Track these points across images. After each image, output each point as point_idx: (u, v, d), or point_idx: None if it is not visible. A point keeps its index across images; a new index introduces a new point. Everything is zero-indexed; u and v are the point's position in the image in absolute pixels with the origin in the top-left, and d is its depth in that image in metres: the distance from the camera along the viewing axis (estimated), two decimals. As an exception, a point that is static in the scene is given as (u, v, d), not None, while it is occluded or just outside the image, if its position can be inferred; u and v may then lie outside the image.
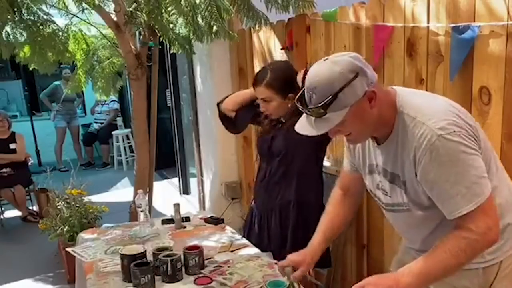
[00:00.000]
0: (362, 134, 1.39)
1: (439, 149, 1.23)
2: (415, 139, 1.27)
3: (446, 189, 1.25)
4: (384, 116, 1.32)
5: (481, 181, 1.24)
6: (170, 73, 5.20)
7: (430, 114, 1.27)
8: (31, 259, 4.09)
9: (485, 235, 1.24)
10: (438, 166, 1.24)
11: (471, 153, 1.24)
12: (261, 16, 2.79)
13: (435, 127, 1.24)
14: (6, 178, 4.94)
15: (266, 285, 1.71)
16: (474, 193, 1.23)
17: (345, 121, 1.29)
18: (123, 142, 7.28)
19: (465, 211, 1.23)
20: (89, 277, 1.95)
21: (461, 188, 1.23)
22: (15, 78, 9.29)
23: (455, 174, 1.23)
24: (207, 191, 4.36)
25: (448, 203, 1.26)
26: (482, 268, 1.38)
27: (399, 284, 1.26)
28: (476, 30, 1.72)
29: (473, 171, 1.24)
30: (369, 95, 1.27)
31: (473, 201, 1.23)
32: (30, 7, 3.20)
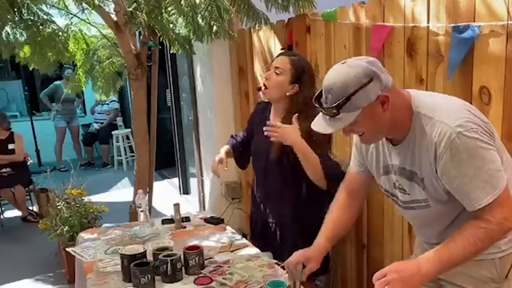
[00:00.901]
0: (375, 134, 1.44)
1: (459, 146, 1.29)
2: (435, 138, 1.32)
3: (466, 183, 1.31)
4: (399, 118, 1.38)
5: (498, 174, 1.31)
6: (170, 73, 5.20)
7: (447, 113, 1.33)
8: (31, 259, 4.09)
9: (501, 225, 1.31)
10: (459, 162, 1.30)
11: (488, 148, 1.30)
12: (261, 16, 2.79)
13: (453, 125, 1.29)
14: (6, 178, 4.95)
15: (266, 285, 1.71)
16: (492, 186, 1.29)
17: (358, 122, 1.35)
18: (123, 142, 7.28)
19: (484, 204, 1.30)
20: (89, 277, 1.95)
21: (479, 182, 1.30)
22: (15, 78, 9.29)
23: (474, 169, 1.30)
24: (207, 191, 4.36)
25: (468, 197, 1.32)
26: (499, 257, 1.44)
27: (421, 271, 1.31)
28: (476, 30, 1.72)
29: (490, 165, 1.30)
30: (381, 99, 1.32)
31: (491, 193, 1.29)
32: (30, 7, 3.20)
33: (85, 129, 7.89)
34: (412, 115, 1.38)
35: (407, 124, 1.39)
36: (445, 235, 1.44)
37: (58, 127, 7.30)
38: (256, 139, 2.36)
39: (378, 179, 1.60)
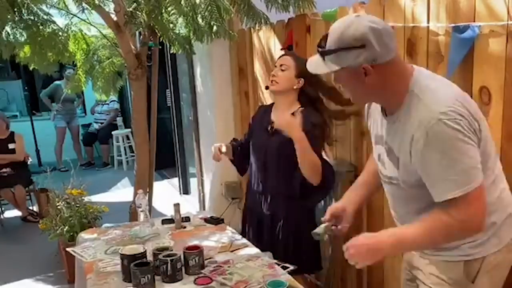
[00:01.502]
0: (354, 96, 1.45)
1: (437, 133, 1.26)
2: (416, 119, 1.31)
3: (437, 172, 1.29)
4: (390, 91, 1.36)
5: (472, 171, 1.28)
6: (170, 73, 5.20)
7: (437, 98, 1.30)
8: (31, 259, 4.09)
9: (462, 223, 1.30)
10: (434, 149, 1.28)
11: (467, 142, 1.27)
12: (261, 16, 2.79)
13: (437, 111, 1.26)
14: (6, 178, 4.94)
15: (266, 285, 1.71)
16: (463, 181, 1.27)
17: (340, 77, 1.38)
18: (123, 142, 7.28)
19: (450, 196, 1.28)
20: (89, 277, 1.95)
21: (451, 174, 1.27)
22: (15, 78, 9.29)
23: (449, 159, 1.27)
24: (207, 191, 4.36)
25: (437, 186, 1.31)
26: (464, 261, 1.42)
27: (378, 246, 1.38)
28: (476, 30, 1.72)
29: (466, 160, 1.27)
30: (365, 69, 1.31)
31: (460, 188, 1.27)
32: (30, 7, 3.20)
33: (85, 129, 7.89)
34: (407, 93, 1.35)
35: (400, 99, 1.36)
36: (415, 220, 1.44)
37: (58, 127, 7.29)
38: (255, 134, 2.42)
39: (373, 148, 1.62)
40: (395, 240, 1.38)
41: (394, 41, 1.34)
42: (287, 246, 2.30)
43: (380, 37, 1.29)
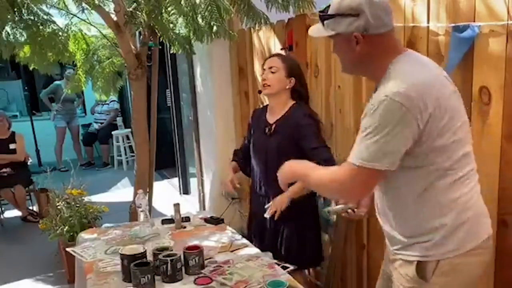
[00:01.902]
0: (344, 65, 1.53)
1: (380, 105, 1.31)
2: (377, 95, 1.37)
3: (361, 137, 1.37)
4: (374, 64, 1.43)
5: (383, 154, 1.33)
6: (170, 73, 5.20)
7: (400, 80, 1.34)
8: (31, 259, 4.09)
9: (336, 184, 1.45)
10: (370, 117, 1.34)
11: (398, 129, 1.30)
12: (261, 16, 2.79)
13: (391, 89, 1.31)
14: (6, 178, 4.94)
15: (266, 285, 1.71)
16: (369, 156, 1.33)
17: (335, 44, 1.48)
18: (123, 142, 7.28)
19: (351, 160, 1.37)
20: (89, 277, 1.95)
21: (370, 146, 1.33)
22: (15, 78, 9.29)
23: (374, 131, 1.32)
24: (207, 191, 4.36)
25: (354, 148, 1.40)
26: (417, 261, 1.46)
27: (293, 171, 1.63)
28: (476, 30, 1.72)
29: (384, 141, 1.31)
30: (355, 36, 1.39)
31: (362, 159, 1.34)
32: (30, 7, 3.20)
33: (85, 129, 7.89)
34: (386, 69, 1.40)
35: (382, 74, 1.40)
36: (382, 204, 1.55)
37: (58, 127, 7.29)
38: (254, 137, 2.43)
39: None
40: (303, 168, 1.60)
41: (389, 16, 1.41)
42: (291, 247, 2.31)
43: (375, 9, 1.37)
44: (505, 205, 1.74)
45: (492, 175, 1.76)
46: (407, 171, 1.40)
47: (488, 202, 1.78)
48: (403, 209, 1.47)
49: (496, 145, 1.73)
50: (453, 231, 1.42)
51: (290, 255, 2.23)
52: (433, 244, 1.43)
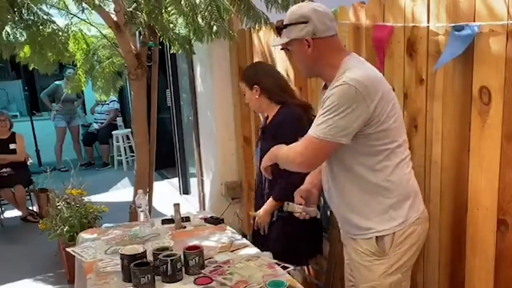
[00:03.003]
0: (302, 69, 1.81)
1: (340, 89, 1.56)
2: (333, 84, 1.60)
3: (322, 115, 1.60)
4: (327, 64, 1.68)
5: (338, 129, 1.57)
6: (170, 73, 5.20)
7: (355, 71, 1.60)
8: (31, 259, 4.09)
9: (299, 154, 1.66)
10: (329, 98, 1.58)
11: (352, 108, 1.55)
12: (261, 16, 2.79)
13: (348, 76, 1.57)
14: (6, 178, 4.94)
15: (266, 285, 1.71)
16: (327, 130, 1.57)
17: (291, 52, 1.74)
18: (123, 142, 7.28)
19: (312, 134, 1.61)
20: (89, 277, 1.95)
21: (328, 121, 1.57)
22: (15, 78, 9.29)
23: (332, 110, 1.56)
24: (207, 191, 4.36)
25: (316, 123, 1.62)
26: (376, 236, 1.70)
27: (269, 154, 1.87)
28: (475, 30, 1.72)
29: (340, 117, 1.55)
30: (306, 40, 1.65)
31: (321, 133, 1.58)
32: (30, 7, 3.19)
33: (85, 129, 7.89)
34: (339, 67, 1.64)
35: (333, 72, 1.64)
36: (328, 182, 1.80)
37: (58, 127, 7.30)
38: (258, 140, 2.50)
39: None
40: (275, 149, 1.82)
41: (332, 23, 1.68)
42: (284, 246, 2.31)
43: (320, 16, 1.64)
44: (505, 205, 1.74)
45: (492, 175, 1.76)
46: (361, 151, 1.65)
47: (488, 202, 1.79)
48: (358, 191, 1.71)
49: (496, 145, 1.73)
50: (402, 206, 1.69)
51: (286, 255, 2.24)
52: (387, 219, 1.69)
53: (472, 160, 1.84)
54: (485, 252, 1.84)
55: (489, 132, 1.75)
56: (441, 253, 2.06)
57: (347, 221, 1.78)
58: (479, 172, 1.82)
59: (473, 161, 1.83)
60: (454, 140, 1.92)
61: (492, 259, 1.81)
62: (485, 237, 1.83)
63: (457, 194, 1.94)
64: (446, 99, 1.92)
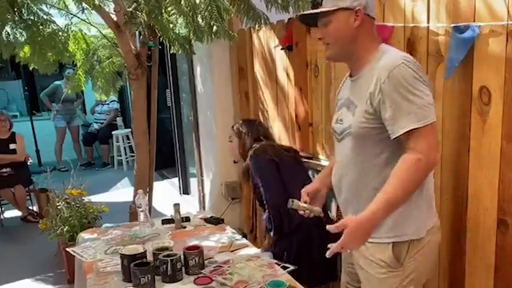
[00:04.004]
0: (337, 46, 1.58)
1: (401, 72, 1.43)
2: (380, 67, 1.48)
3: (403, 106, 1.43)
4: (362, 45, 1.56)
5: (429, 107, 1.44)
6: (170, 73, 5.20)
7: (399, 53, 1.53)
8: (31, 259, 4.09)
9: (428, 156, 1.42)
10: (398, 86, 1.43)
11: (425, 83, 1.45)
12: (261, 16, 2.79)
13: (400, 57, 1.47)
14: (6, 178, 4.94)
15: (266, 285, 1.71)
16: (422, 114, 1.42)
17: (330, 23, 1.55)
18: (123, 142, 7.28)
19: (412, 127, 1.42)
20: (89, 277, 1.95)
21: (414, 107, 1.42)
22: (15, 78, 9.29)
23: (411, 95, 1.43)
24: (207, 191, 4.36)
25: (400, 120, 1.44)
26: (392, 242, 1.55)
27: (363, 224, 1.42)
28: (476, 30, 1.72)
29: (424, 97, 1.44)
30: (356, 12, 1.52)
31: (421, 120, 1.42)
32: (30, 7, 3.19)
33: (85, 129, 7.89)
34: (374, 52, 1.54)
35: (367, 56, 1.55)
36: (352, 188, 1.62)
37: (58, 127, 7.30)
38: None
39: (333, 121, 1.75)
40: (384, 207, 1.42)
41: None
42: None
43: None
44: (505, 205, 1.74)
45: (492, 175, 1.76)
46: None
47: (488, 202, 1.79)
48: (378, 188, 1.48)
49: (496, 145, 1.73)
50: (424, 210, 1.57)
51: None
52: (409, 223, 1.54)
53: (472, 160, 1.84)
54: (485, 252, 1.84)
55: (489, 132, 1.75)
56: (441, 253, 2.06)
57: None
58: (479, 172, 1.82)
59: (473, 161, 1.83)
60: (454, 140, 1.92)
61: (492, 259, 1.82)
62: (485, 237, 1.83)
63: (457, 194, 1.94)
64: (446, 99, 1.92)
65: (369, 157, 1.56)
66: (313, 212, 1.81)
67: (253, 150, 2.43)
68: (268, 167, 2.36)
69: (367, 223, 1.41)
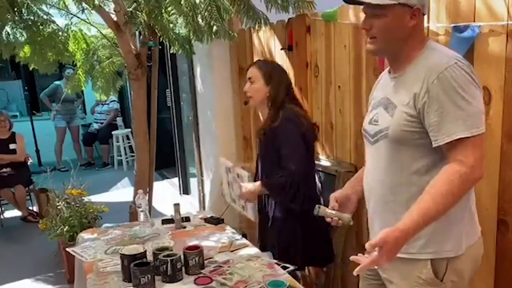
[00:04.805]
0: (385, 42, 1.43)
1: (453, 74, 1.30)
2: (428, 66, 1.35)
3: (451, 111, 1.29)
4: (412, 44, 1.42)
5: (481, 115, 1.32)
6: (170, 73, 5.20)
7: (449, 51, 1.41)
8: (31, 259, 4.09)
9: (473, 169, 1.28)
10: (448, 89, 1.30)
11: (478, 88, 1.32)
12: (261, 16, 2.79)
13: (453, 57, 1.34)
14: (6, 178, 4.94)
15: (266, 285, 1.71)
16: (473, 123, 1.29)
17: (384, 17, 1.39)
18: (123, 142, 7.28)
19: (460, 136, 1.28)
20: (89, 277, 1.95)
21: (463, 114, 1.29)
22: (15, 78, 9.29)
23: (462, 100, 1.29)
24: (207, 191, 4.36)
25: (446, 126, 1.30)
26: (430, 259, 1.43)
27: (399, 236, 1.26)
28: (476, 30, 1.72)
29: (476, 103, 1.31)
30: (415, 10, 1.39)
31: (469, 129, 1.28)
32: (30, 7, 3.20)
33: (85, 129, 7.90)
34: (422, 49, 1.42)
35: (413, 54, 1.42)
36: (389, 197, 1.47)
37: (58, 127, 7.30)
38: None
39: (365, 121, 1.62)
40: (423, 220, 1.27)
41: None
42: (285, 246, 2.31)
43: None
44: (505, 205, 1.74)
45: (492, 175, 1.76)
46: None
47: (488, 202, 1.79)
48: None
49: (496, 145, 1.73)
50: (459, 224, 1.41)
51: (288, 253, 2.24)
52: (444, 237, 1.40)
53: (472, 160, 1.84)
54: (485, 252, 1.83)
55: (489, 132, 1.75)
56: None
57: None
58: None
59: (473, 161, 1.83)
60: (454, 140, 1.91)
61: (492, 259, 1.81)
62: (485, 237, 1.82)
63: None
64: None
65: (405, 164, 1.42)
66: (342, 219, 1.63)
67: (293, 112, 2.23)
68: (299, 140, 2.20)
69: (403, 238, 1.26)
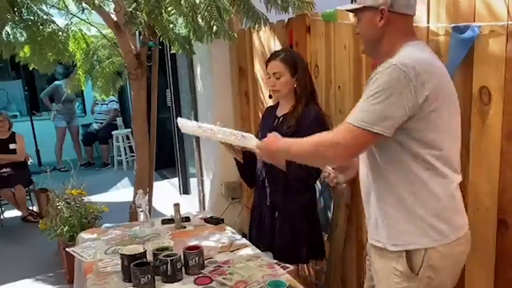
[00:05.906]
0: (365, 42, 1.59)
1: (385, 71, 1.37)
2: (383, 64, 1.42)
3: (362, 101, 1.43)
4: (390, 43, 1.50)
5: (381, 118, 1.37)
6: (170, 73, 5.20)
7: (407, 55, 1.43)
8: (31, 259, 4.09)
9: (335, 144, 1.44)
10: (374, 82, 1.40)
11: (398, 96, 1.36)
12: (261, 16, 2.79)
13: (398, 59, 1.40)
14: (6, 178, 4.94)
15: (266, 285, 1.71)
16: (369, 118, 1.38)
17: (359, 20, 1.55)
18: (123, 142, 7.28)
19: (349, 121, 1.42)
20: (89, 277, 1.95)
21: (368, 107, 1.39)
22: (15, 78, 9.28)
23: (376, 95, 1.37)
24: (207, 191, 4.36)
25: (353, 111, 1.44)
26: (406, 251, 1.49)
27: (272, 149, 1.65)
28: (476, 30, 1.72)
29: (384, 105, 1.37)
30: (381, 10, 1.47)
31: (361, 121, 1.39)
32: (30, 7, 3.20)
33: (85, 129, 7.90)
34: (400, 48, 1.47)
35: (392, 53, 1.47)
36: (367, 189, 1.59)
37: (58, 127, 7.30)
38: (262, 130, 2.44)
39: None
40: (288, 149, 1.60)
41: (415, 1, 1.51)
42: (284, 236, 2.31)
43: None
44: (505, 205, 1.74)
45: (492, 175, 1.76)
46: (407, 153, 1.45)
47: (488, 202, 1.79)
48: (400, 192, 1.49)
49: (496, 145, 1.73)
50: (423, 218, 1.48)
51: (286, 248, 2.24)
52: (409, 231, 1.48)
53: (472, 160, 1.84)
54: (485, 253, 1.84)
55: (489, 132, 1.75)
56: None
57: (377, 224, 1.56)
58: (479, 172, 1.82)
59: (473, 161, 1.83)
60: (454, 140, 1.91)
61: (492, 259, 1.82)
62: (485, 237, 1.83)
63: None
64: (446, 99, 1.92)
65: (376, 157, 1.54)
66: (338, 178, 1.77)
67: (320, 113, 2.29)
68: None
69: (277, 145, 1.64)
